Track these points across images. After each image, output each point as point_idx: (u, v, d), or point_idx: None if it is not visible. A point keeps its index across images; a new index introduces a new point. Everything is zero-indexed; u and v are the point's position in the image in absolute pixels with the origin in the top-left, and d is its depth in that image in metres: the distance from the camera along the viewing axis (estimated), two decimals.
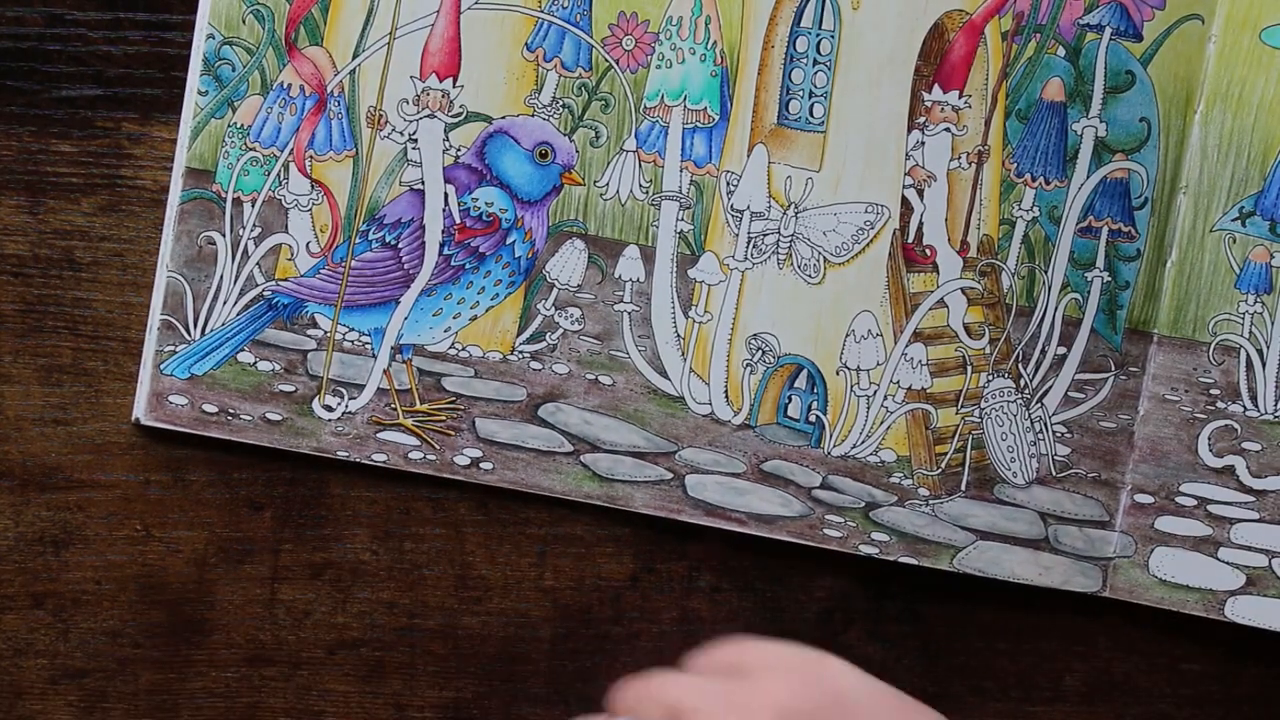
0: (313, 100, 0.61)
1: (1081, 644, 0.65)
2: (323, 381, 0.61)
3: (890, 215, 0.63)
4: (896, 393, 0.63)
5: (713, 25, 0.62)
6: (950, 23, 0.62)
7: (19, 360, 0.61)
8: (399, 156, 0.61)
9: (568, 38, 0.61)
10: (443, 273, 0.62)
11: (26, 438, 0.61)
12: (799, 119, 0.62)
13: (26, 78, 0.60)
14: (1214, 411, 0.63)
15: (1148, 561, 0.63)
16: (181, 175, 0.60)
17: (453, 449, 0.62)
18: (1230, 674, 0.65)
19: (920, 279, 0.63)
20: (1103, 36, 0.62)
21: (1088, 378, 0.63)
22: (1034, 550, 0.63)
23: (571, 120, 0.62)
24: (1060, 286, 0.63)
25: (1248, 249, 0.63)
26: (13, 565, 0.61)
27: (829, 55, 0.62)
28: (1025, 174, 0.63)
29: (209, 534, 0.62)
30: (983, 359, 0.63)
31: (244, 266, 0.61)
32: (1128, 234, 0.63)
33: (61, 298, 0.61)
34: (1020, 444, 0.63)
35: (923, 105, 0.62)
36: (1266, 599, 0.63)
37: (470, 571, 0.63)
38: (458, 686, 0.63)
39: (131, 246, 0.61)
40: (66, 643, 0.62)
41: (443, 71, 0.61)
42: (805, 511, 0.63)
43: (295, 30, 0.61)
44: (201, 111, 0.60)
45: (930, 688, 0.64)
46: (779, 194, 0.62)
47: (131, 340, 0.61)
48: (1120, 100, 0.63)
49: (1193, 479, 0.63)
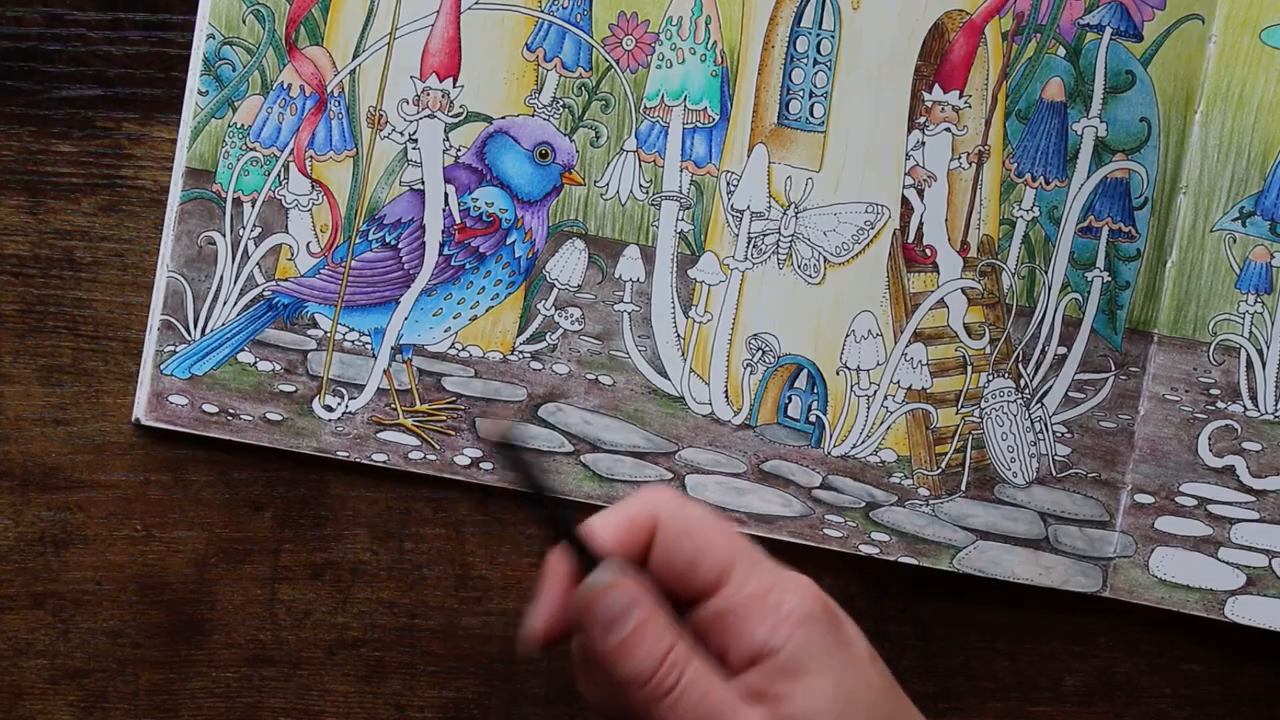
0: (313, 100, 0.61)
1: (1081, 644, 0.65)
2: (323, 381, 0.61)
3: (890, 215, 0.63)
4: (897, 393, 0.63)
5: (713, 25, 0.62)
6: (950, 23, 0.62)
7: (19, 360, 0.61)
8: (399, 156, 0.61)
9: (568, 38, 0.61)
10: (443, 273, 0.62)
11: (27, 438, 0.61)
12: (799, 119, 0.62)
13: (26, 78, 0.60)
14: (1214, 411, 0.63)
15: (1148, 561, 0.63)
16: (181, 175, 0.60)
17: (453, 449, 0.62)
18: (1230, 674, 0.65)
19: (920, 279, 0.63)
20: (1103, 36, 0.62)
21: (1088, 378, 0.63)
22: (1034, 550, 0.63)
23: (571, 120, 0.62)
24: (1060, 286, 0.63)
25: (1248, 249, 0.63)
26: (13, 565, 0.61)
27: (829, 55, 0.62)
28: (1025, 174, 0.63)
29: (209, 534, 0.62)
30: (983, 359, 0.63)
31: (244, 266, 0.61)
32: (1128, 234, 0.63)
33: (62, 298, 0.61)
34: (1020, 444, 0.63)
35: (923, 105, 0.62)
36: (1266, 599, 0.63)
37: (470, 571, 0.63)
38: (458, 686, 0.63)
39: (131, 246, 0.61)
40: (66, 643, 0.62)
41: (443, 71, 0.61)
42: (805, 511, 0.63)
43: (295, 30, 0.61)
44: (201, 111, 0.60)
45: (930, 688, 0.64)
46: (779, 194, 0.62)
47: (131, 340, 0.61)
48: (1120, 100, 0.63)
49: (1193, 479, 0.63)
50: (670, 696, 0.41)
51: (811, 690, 0.41)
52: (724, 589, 0.42)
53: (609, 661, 0.41)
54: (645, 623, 0.41)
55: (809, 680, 0.41)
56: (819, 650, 0.42)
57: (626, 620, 0.41)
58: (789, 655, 0.41)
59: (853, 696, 0.42)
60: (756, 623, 0.42)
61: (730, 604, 0.42)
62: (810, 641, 0.42)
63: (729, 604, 0.42)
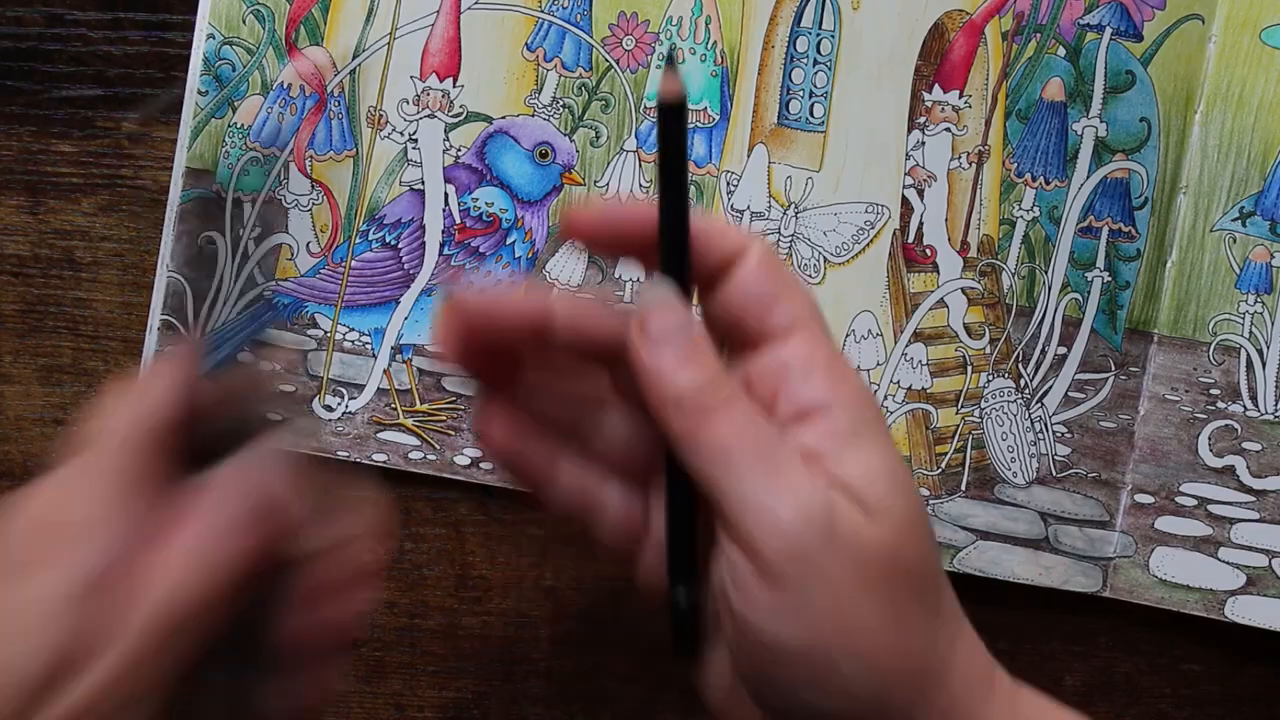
0: (313, 100, 0.61)
1: (1081, 644, 0.65)
2: (323, 381, 0.61)
3: (890, 215, 0.63)
4: (897, 392, 0.63)
5: (713, 25, 0.62)
6: (950, 23, 0.62)
7: (19, 360, 0.61)
8: (399, 156, 0.61)
9: (568, 38, 0.61)
10: (443, 272, 0.62)
11: (27, 438, 0.61)
12: (799, 119, 0.62)
13: (26, 78, 0.60)
14: (1214, 411, 0.63)
15: (1148, 561, 0.63)
16: (181, 175, 0.60)
17: (453, 449, 0.62)
18: (1230, 674, 0.65)
19: (920, 279, 0.63)
20: (1103, 36, 0.62)
21: (1088, 378, 0.63)
22: (1034, 550, 0.63)
23: (571, 120, 0.62)
24: (1060, 286, 0.63)
25: (1248, 249, 0.63)
26: None
27: (829, 55, 0.62)
28: (1025, 174, 0.63)
29: None
30: (983, 359, 0.63)
31: (244, 266, 0.61)
32: (1128, 234, 0.63)
33: (62, 298, 0.61)
34: (1020, 444, 0.63)
35: (923, 105, 0.62)
36: (1266, 599, 0.63)
37: (470, 571, 0.63)
38: (458, 686, 0.63)
39: (131, 246, 0.61)
40: None
41: (443, 71, 0.61)
42: None
43: (295, 30, 0.61)
44: (201, 111, 0.60)
45: None
46: (779, 194, 0.62)
47: (131, 340, 0.61)
48: (1120, 100, 0.63)
49: (1193, 479, 0.63)
50: (718, 413, 0.40)
51: (861, 457, 0.40)
52: (789, 342, 0.41)
53: (656, 377, 0.40)
54: (700, 340, 0.41)
55: (858, 447, 0.40)
56: (872, 423, 0.41)
57: (685, 332, 0.40)
58: (843, 419, 0.40)
59: (896, 470, 0.41)
60: (816, 382, 0.41)
61: (792, 356, 0.41)
62: (865, 414, 0.41)
63: (791, 356, 0.41)
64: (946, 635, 0.42)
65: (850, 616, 0.39)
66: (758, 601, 0.39)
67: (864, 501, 0.40)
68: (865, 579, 0.39)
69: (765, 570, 0.39)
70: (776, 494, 0.39)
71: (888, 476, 0.40)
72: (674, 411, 0.40)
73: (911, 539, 0.40)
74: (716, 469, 0.39)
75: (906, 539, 0.40)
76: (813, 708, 0.40)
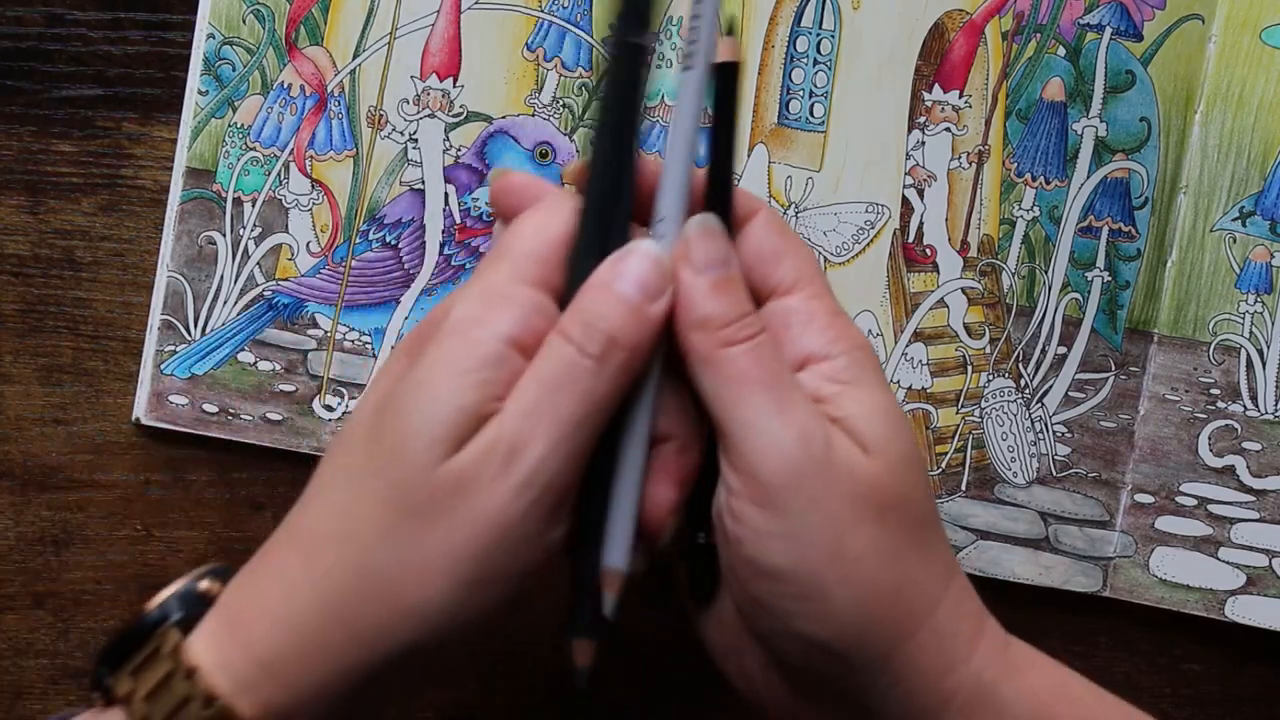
0: (313, 100, 0.61)
1: (1081, 644, 0.65)
2: (323, 381, 0.61)
3: (890, 215, 0.63)
4: (897, 392, 0.63)
5: None
6: (950, 23, 0.62)
7: (19, 360, 0.61)
8: (399, 156, 0.61)
9: (568, 37, 0.61)
10: (443, 272, 0.62)
11: (27, 438, 0.61)
12: (799, 119, 0.62)
13: (26, 78, 0.60)
14: (1214, 411, 0.63)
15: (1148, 561, 0.63)
16: (182, 175, 0.60)
17: None
18: (1230, 674, 0.65)
19: (920, 279, 0.63)
20: (1103, 36, 0.62)
21: (1088, 377, 0.63)
22: (1034, 550, 0.63)
23: (571, 120, 0.62)
24: (1060, 286, 0.63)
25: (1248, 249, 0.63)
26: (13, 565, 0.61)
27: (829, 55, 0.62)
28: (1025, 174, 0.63)
29: (209, 534, 0.62)
30: (983, 359, 0.63)
31: (244, 266, 0.61)
32: (1128, 234, 0.63)
33: (62, 298, 0.61)
34: (1020, 444, 0.63)
35: (923, 105, 0.62)
36: (1266, 599, 0.63)
37: None
38: (458, 687, 0.63)
39: (132, 246, 0.61)
40: (66, 643, 0.62)
41: (443, 71, 0.61)
42: None
43: (295, 30, 0.61)
44: (201, 111, 0.60)
45: None
46: (779, 194, 0.62)
47: (132, 340, 0.61)
48: (1120, 100, 0.63)
49: (1193, 479, 0.63)
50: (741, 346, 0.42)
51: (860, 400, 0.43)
52: (793, 295, 0.44)
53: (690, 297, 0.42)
54: (738, 277, 0.43)
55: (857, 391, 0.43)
56: (870, 370, 0.44)
57: (727, 265, 0.43)
58: (842, 365, 0.43)
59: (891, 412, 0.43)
60: (817, 331, 0.44)
61: (795, 307, 0.44)
62: (863, 362, 0.44)
63: (794, 306, 0.44)
64: (937, 576, 0.43)
65: (843, 546, 0.41)
66: (755, 527, 0.41)
67: (862, 440, 0.42)
68: (859, 512, 0.41)
69: (763, 495, 0.41)
70: (781, 422, 0.41)
71: (885, 418, 0.42)
72: (700, 333, 0.42)
73: (907, 478, 0.42)
74: (729, 392, 0.42)
75: (902, 478, 0.42)
76: (803, 637, 0.42)
